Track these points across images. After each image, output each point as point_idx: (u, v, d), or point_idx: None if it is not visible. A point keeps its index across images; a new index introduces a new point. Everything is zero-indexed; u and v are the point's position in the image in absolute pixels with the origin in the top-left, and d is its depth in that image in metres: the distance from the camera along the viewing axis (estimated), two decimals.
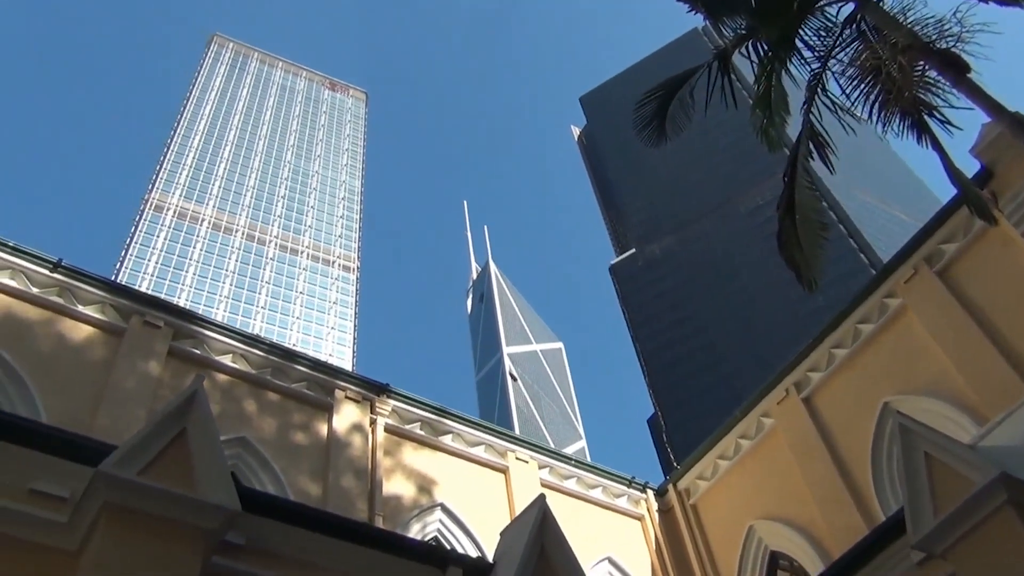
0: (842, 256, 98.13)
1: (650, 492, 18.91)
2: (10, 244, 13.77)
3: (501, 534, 9.48)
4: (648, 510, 18.56)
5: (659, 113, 13.74)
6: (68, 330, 13.72)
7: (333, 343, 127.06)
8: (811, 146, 12.84)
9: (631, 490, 18.71)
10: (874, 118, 12.41)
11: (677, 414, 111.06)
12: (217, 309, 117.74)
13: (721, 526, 17.75)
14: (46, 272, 13.90)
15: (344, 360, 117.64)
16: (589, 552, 16.11)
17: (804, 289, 12.62)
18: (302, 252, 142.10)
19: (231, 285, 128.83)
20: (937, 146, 12.09)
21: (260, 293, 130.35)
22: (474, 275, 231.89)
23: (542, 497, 9.22)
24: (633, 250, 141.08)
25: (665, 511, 18.74)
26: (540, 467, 17.65)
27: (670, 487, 18.96)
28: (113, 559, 6.30)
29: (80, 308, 13.99)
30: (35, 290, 13.73)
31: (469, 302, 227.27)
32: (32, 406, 12.32)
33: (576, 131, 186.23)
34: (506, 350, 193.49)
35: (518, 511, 15.69)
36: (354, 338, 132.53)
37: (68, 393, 12.81)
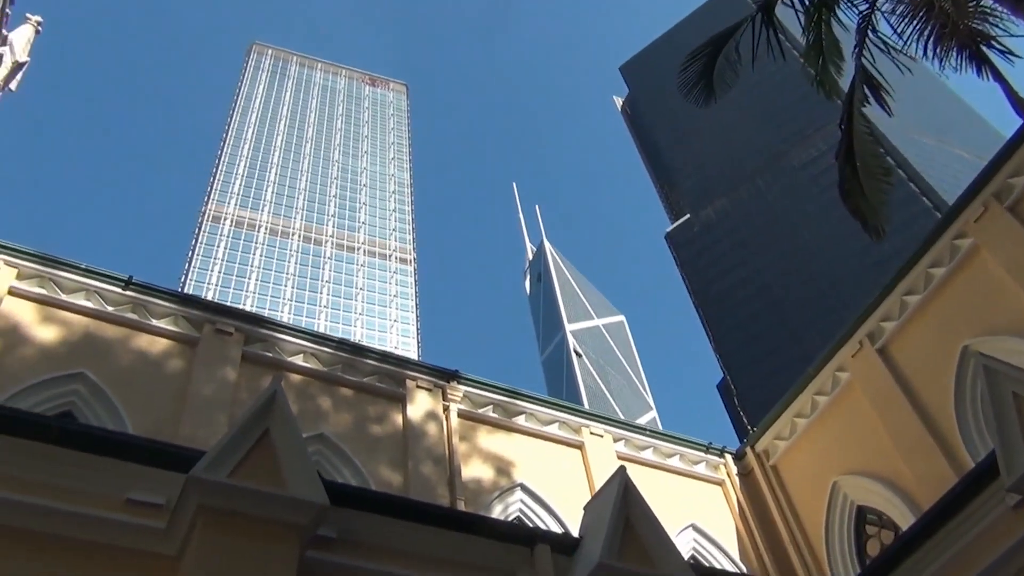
0: (904, 201, 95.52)
1: (728, 456, 18.75)
2: (82, 266, 14.20)
3: (584, 509, 9.49)
4: (728, 474, 18.41)
5: (705, 73, 13.50)
6: (145, 344, 14.12)
7: (397, 335, 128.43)
8: (866, 90, 12.51)
9: (709, 456, 18.58)
10: (929, 55, 12.04)
11: (747, 377, 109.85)
12: (282, 312, 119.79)
13: (804, 485, 17.52)
14: (118, 290, 14.30)
15: (410, 351, 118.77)
16: (673, 521, 16.03)
17: (871, 238, 12.34)
18: (358, 249, 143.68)
19: (293, 287, 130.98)
20: (998, 77, 11.68)
21: (321, 293, 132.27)
22: (530, 256, 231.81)
23: (622, 469, 9.20)
24: (688, 216, 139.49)
25: (745, 474, 18.57)
26: (615, 440, 17.62)
27: (748, 450, 18.78)
28: (213, 561, 6.48)
29: (154, 322, 14.38)
30: (110, 308, 14.15)
31: (527, 283, 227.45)
32: (119, 420, 12.73)
33: (619, 101, 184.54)
34: (568, 327, 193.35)
35: (597, 486, 15.70)
36: (417, 329, 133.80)
37: (151, 404, 13.20)
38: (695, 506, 17.47)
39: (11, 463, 6.84)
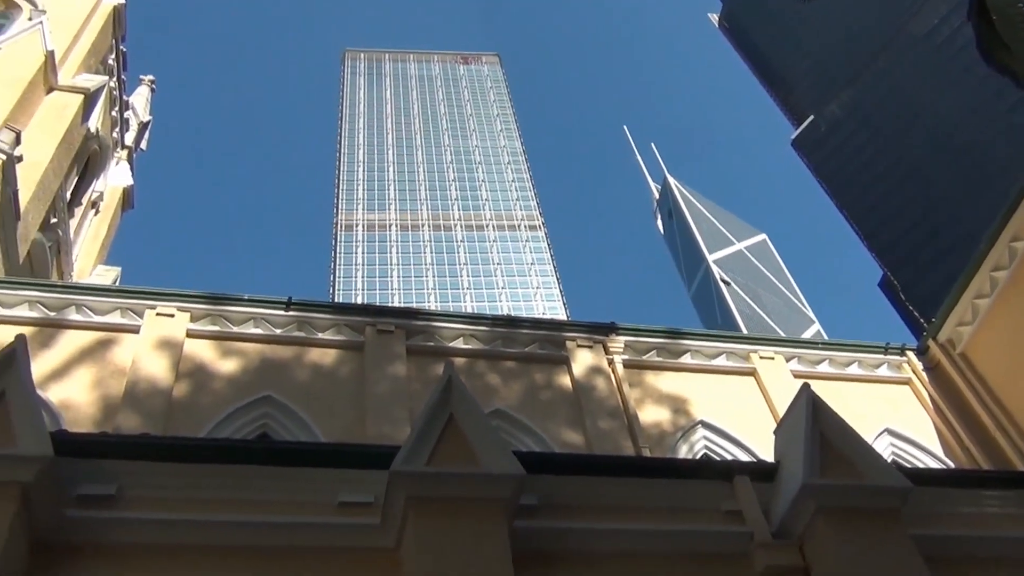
0: None
1: (910, 353, 17.93)
2: (245, 297, 15.04)
3: (775, 433, 9.30)
4: (914, 372, 17.61)
5: None
6: (317, 357, 14.81)
7: (543, 301, 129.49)
8: None
9: (889, 357, 17.83)
10: None
11: (908, 269, 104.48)
12: (428, 302, 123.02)
13: (1000, 368, 16.54)
14: (281, 312, 15.04)
15: (558, 314, 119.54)
16: (866, 429, 15.47)
17: None
18: (487, 225, 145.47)
19: (433, 276, 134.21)
20: None
21: (461, 276, 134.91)
22: (656, 195, 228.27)
23: (807, 386, 8.96)
24: (812, 117, 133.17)
25: (932, 368, 17.70)
26: (787, 359, 17.15)
27: (930, 343, 17.87)
28: (431, 546, 6.75)
29: (319, 335, 15.04)
30: (278, 331, 14.90)
31: (659, 222, 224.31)
32: (309, 432, 13.43)
33: (714, 18, 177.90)
34: (710, 257, 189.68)
35: (779, 408, 15.38)
36: (560, 291, 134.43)
37: (335, 412, 13.86)
38: (885, 410, 16.83)
39: (227, 487, 7.33)
